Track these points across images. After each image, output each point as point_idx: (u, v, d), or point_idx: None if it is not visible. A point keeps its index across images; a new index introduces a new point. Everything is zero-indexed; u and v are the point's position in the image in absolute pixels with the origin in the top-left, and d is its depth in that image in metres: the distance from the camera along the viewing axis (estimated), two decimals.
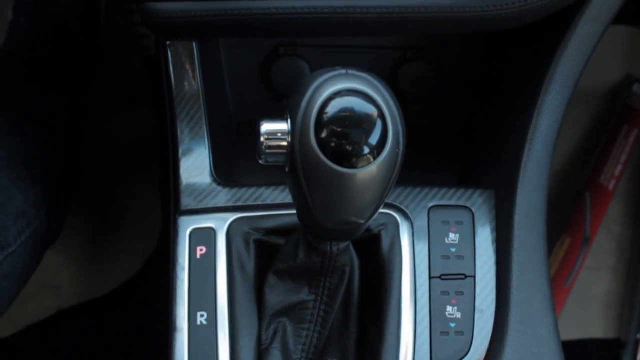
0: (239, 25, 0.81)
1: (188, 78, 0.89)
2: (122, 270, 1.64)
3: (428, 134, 1.11)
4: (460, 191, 0.91)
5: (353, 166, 0.63)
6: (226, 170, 0.99)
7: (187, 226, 0.87)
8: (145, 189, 1.66)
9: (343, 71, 0.64)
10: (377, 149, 0.63)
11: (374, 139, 0.63)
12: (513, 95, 0.94)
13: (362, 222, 0.69)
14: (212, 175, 0.88)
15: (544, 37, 0.88)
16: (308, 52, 1.05)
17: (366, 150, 0.63)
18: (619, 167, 1.76)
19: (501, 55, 1.00)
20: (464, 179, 1.08)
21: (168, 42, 0.91)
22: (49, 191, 1.16)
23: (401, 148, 0.64)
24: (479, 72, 1.06)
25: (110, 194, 1.67)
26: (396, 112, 0.64)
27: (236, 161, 1.09)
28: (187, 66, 0.90)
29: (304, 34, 0.84)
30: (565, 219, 1.75)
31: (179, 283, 0.84)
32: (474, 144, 1.06)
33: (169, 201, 0.92)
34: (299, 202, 0.69)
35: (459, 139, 1.11)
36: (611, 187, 1.75)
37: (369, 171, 0.63)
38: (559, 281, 1.71)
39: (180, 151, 0.87)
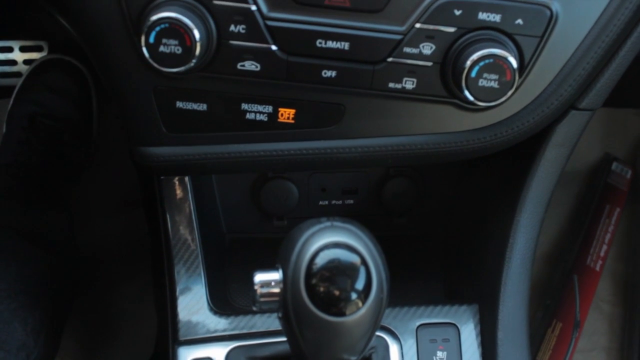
0: (230, 165, 0.87)
1: (182, 215, 0.94)
2: None
3: (413, 244, 1.16)
4: (446, 307, 0.95)
5: (341, 313, 0.67)
6: (221, 292, 1.03)
7: (186, 356, 0.90)
8: (139, 291, 1.66)
9: (328, 223, 0.69)
10: (363, 296, 0.67)
11: (359, 287, 0.67)
12: (490, 214, 0.99)
13: (354, 358, 0.73)
14: (209, 308, 0.92)
15: (516, 161, 0.94)
16: (295, 173, 1.11)
17: (353, 297, 0.67)
18: (604, 247, 1.79)
19: (477, 175, 1.06)
20: (449, 288, 1.13)
21: (162, 177, 0.96)
22: (47, 314, 1.19)
23: (385, 293, 0.69)
24: (458, 188, 1.12)
25: (104, 299, 1.68)
26: (379, 260, 0.69)
27: (230, 279, 1.13)
28: (181, 199, 0.96)
29: (290, 170, 0.89)
30: (555, 303, 1.78)
31: None
32: (457, 255, 1.11)
33: (163, 305, 0.96)
34: (293, 343, 0.73)
35: (443, 249, 1.16)
36: (598, 268, 1.79)
37: (356, 317, 0.67)
38: None
39: (178, 290, 0.91)
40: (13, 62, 1.71)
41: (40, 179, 1.50)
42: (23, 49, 1.70)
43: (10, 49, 1.70)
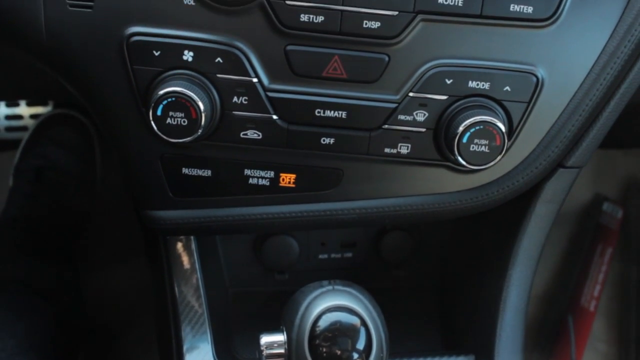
0: (234, 227, 0.90)
1: (188, 277, 0.97)
2: None
3: (410, 294, 1.20)
4: (444, 359, 0.98)
5: None
6: (225, 345, 1.06)
7: None
8: (144, 340, 1.67)
9: (330, 287, 0.73)
10: (364, 356, 0.71)
11: (360, 347, 0.71)
12: (483, 267, 1.03)
13: None
14: None
15: (507, 216, 0.98)
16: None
17: (354, 357, 0.71)
18: (598, 287, 1.82)
19: (471, 230, 1.10)
20: (446, 338, 1.16)
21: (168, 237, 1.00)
22: None
23: (385, 352, 0.72)
24: (453, 241, 1.15)
25: (108, 349, 1.69)
26: (378, 321, 0.72)
27: (233, 331, 1.15)
28: (187, 260, 0.99)
29: (292, 230, 0.92)
30: (550, 343, 1.80)
31: None
32: (453, 306, 1.14)
33: (167, 355, 0.98)
34: None
35: (440, 300, 1.19)
36: (592, 308, 1.81)
37: None
38: None
39: (185, 348, 0.94)
40: (19, 117, 1.75)
41: (46, 232, 1.53)
42: (29, 104, 1.74)
43: (16, 104, 1.74)
